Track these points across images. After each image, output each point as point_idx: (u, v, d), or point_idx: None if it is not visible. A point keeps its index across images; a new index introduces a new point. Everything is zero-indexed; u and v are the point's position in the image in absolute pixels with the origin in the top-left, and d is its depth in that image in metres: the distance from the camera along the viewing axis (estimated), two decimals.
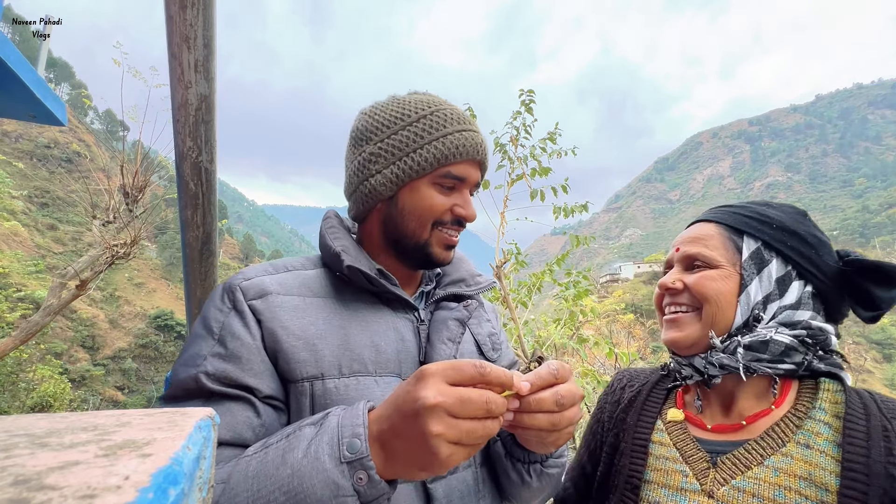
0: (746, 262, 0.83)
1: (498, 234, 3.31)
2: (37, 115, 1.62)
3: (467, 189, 0.88)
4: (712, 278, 0.83)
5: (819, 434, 0.73)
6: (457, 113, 0.88)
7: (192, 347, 0.74)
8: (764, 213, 0.87)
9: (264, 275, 0.82)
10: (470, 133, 0.87)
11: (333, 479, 0.55)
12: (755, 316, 0.81)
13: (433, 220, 0.86)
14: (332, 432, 0.58)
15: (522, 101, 3.30)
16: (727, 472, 0.77)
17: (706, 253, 0.85)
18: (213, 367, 0.70)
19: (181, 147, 1.33)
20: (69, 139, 58.82)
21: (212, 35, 1.16)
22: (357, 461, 0.56)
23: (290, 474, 0.56)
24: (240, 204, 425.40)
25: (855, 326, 72.20)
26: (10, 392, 17.47)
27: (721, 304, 0.82)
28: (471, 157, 0.86)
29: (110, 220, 5.22)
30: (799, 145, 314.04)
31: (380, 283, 0.82)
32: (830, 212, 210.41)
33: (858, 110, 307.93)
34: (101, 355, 41.57)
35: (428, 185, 0.85)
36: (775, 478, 0.72)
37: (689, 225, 0.96)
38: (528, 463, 0.79)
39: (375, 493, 0.56)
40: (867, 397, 0.75)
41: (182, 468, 0.23)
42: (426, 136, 0.85)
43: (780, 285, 0.82)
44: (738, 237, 0.86)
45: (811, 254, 0.82)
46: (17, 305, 17.50)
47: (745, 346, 0.79)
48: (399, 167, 0.85)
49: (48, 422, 0.28)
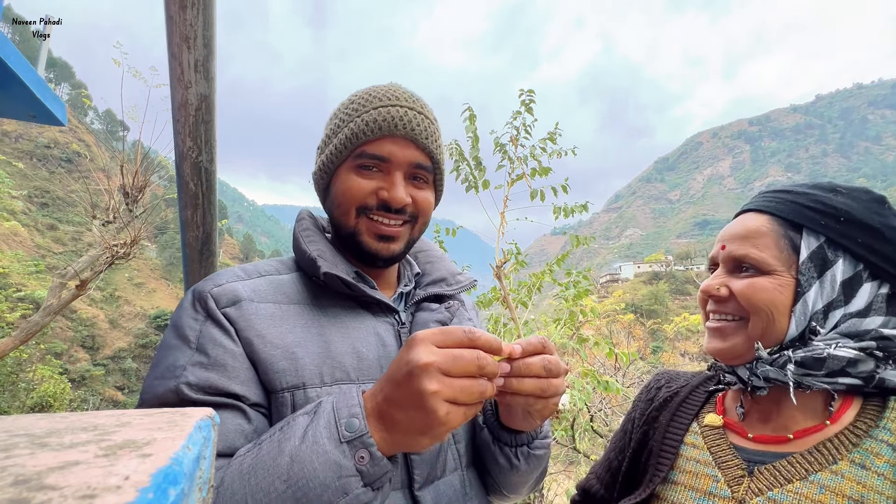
0: (805, 264, 0.72)
1: (498, 234, 3.31)
2: (37, 115, 1.62)
3: (398, 171, 0.80)
4: (763, 287, 0.73)
5: (879, 455, 0.66)
6: (387, 92, 0.81)
7: (166, 359, 0.68)
8: (829, 201, 0.74)
9: (236, 280, 0.77)
10: (390, 108, 0.79)
11: (335, 459, 0.54)
12: (812, 328, 0.72)
13: (356, 206, 0.80)
14: (328, 416, 0.57)
15: (522, 101, 3.30)
16: (764, 482, 0.70)
17: (756, 255, 0.74)
18: (196, 377, 0.66)
19: (181, 147, 1.33)
20: (69, 139, 58.82)
21: (212, 35, 1.16)
22: (357, 439, 0.55)
23: (288, 462, 0.55)
24: (240, 204, 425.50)
25: None
26: (10, 392, 17.47)
27: (773, 315, 0.73)
28: (389, 132, 0.78)
29: (110, 220, 5.22)
30: (799, 145, 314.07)
31: (357, 288, 0.78)
32: None
33: (858, 110, 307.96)
34: (101, 355, 41.57)
35: (348, 169, 0.81)
36: (819, 495, 0.65)
37: (737, 214, 0.84)
38: (516, 446, 0.79)
39: (378, 472, 0.56)
40: None
41: (182, 468, 0.23)
42: (346, 120, 0.81)
43: (847, 289, 0.71)
44: (796, 233, 0.74)
45: (888, 250, 0.71)
46: (17, 305, 17.50)
47: (797, 362, 0.70)
48: (326, 155, 0.83)
49: (48, 422, 0.28)
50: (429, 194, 0.86)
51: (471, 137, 3.23)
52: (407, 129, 0.79)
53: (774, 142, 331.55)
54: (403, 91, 0.83)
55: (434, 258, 1.01)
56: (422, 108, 0.83)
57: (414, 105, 0.81)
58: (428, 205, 0.86)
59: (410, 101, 0.82)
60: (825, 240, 0.73)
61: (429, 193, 0.86)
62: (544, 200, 3.28)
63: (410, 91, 0.85)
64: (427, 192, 0.85)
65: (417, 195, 0.83)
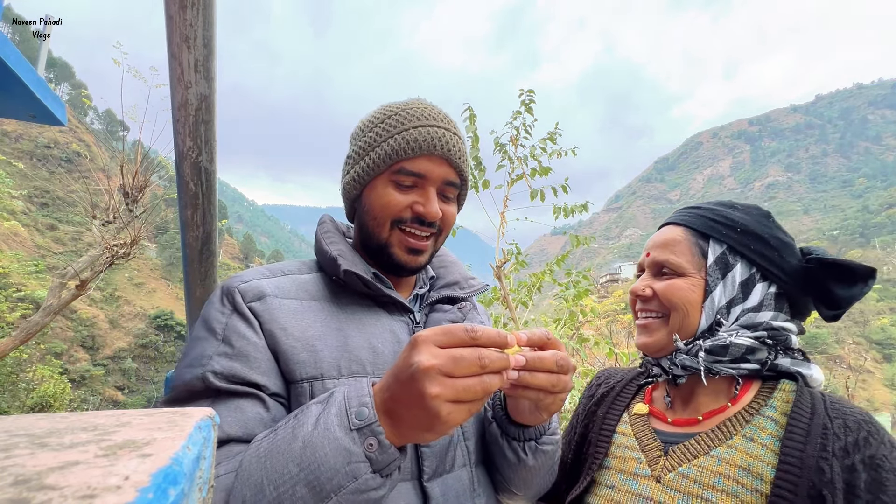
0: (711, 267, 0.87)
1: (498, 234, 3.31)
2: (37, 115, 1.62)
3: (432, 187, 0.85)
4: (679, 287, 0.87)
5: (764, 429, 0.78)
6: (423, 111, 0.87)
7: (195, 349, 0.74)
8: (729, 216, 0.89)
9: (261, 278, 0.83)
10: (429, 128, 0.84)
11: (345, 445, 0.56)
12: (717, 321, 0.85)
13: (391, 219, 0.85)
14: (339, 405, 0.60)
15: (522, 101, 3.30)
16: (676, 459, 0.82)
17: (674, 260, 0.88)
18: (221, 366, 0.70)
19: (181, 147, 1.33)
20: (69, 139, 58.82)
21: (212, 35, 1.16)
22: (366, 427, 0.57)
23: (301, 447, 0.57)
24: (240, 204, 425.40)
25: (855, 327, 71.25)
26: (10, 392, 17.47)
27: (687, 311, 0.86)
28: (428, 151, 0.83)
29: (110, 220, 5.22)
30: (799, 145, 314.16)
31: (375, 287, 0.83)
32: (830, 212, 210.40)
33: (858, 110, 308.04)
34: (101, 355, 41.57)
35: (385, 182, 0.85)
36: (717, 466, 0.77)
37: (660, 226, 0.99)
38: (524, 440, 0.81)
39: (387, 459, 0.58)
40: (818, 397, 0.79)
41: (182, 468, 0.23)
42: (384, 135, 0.85)
43: (744, 288, 0.85)
44: (705, 241, 0.88)
45: (774, 256, 0.85)
46: (17, 305, 17.50)
47: (707, 349, 0.84)
48: (360, 166, 0.87)
49: (48, 422, 0.28)
50: (454, 209, 0.92)
51: (471, 137, 3.23)
52: (444, 150, 0.84)
53: (774, 142, 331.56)
54: (437, 110, 0.89)
55: (448, 263, 1.06)
56: (455, 128, 0.89)
57: (449, 126, 0.87)
58: (453, 219, 0.91)
59: (445, 121, 0.87)
60: (727, 247, 0.87)
61: (454, 208, 0.92)
62: (544, 200, 3.28)
63: (440, 109, 0.90)
64: (453, 207, 0.91)
65: (445, 210, 0.88)
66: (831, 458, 0.69)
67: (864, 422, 0.73)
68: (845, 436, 0.71)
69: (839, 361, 63.61)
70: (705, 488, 0.76)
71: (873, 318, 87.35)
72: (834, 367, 53.35)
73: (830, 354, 68.72)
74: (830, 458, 0.69)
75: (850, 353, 71.38)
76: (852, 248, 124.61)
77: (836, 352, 70.28)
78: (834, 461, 0.69)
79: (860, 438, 0.71)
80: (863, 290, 0.82)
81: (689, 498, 0.77)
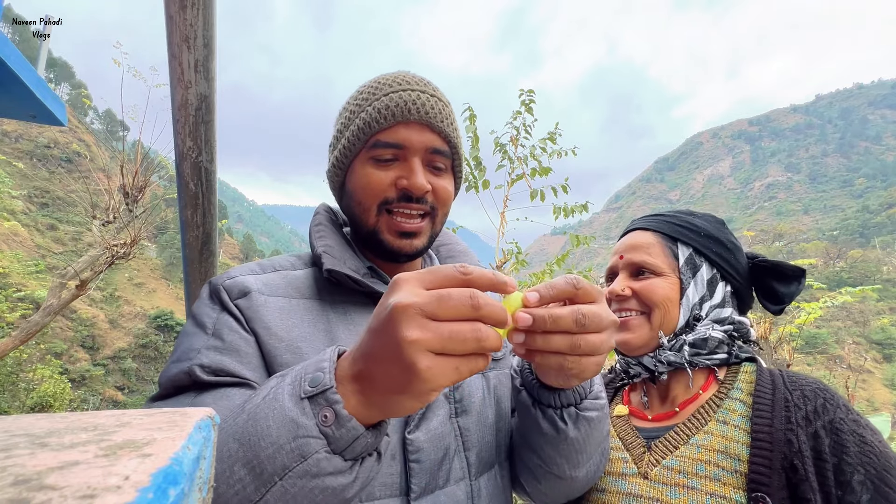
0: (683, 267, 0.93)
1: (498, 234, 3.31)
2: (37, 115, 1.62)
3: (415, 157, 0.76)
4: (660, 285, 0.92)
5: (735, 411, 0.83)
6: (396, 77, 0.78)
7: (184, 344, 0.69)
8: (692, 221, 0.97)
9: (249, 274, 0.77)
10: (401, 93, 0.75)
11: (292, 416, 0.47)
12: (695, 316, 0.92)
13: (377, 202, 0.76)
14: (296, 374, 0.51)
15: (522, 101, 3.30)
16: (659, 453, 0.85)
17: (651, 261, 0.93)
18: (209, 359, 0.65)
19: (181, 147, 1.33)
20: (69, 139, 58.81)
21: (212, 35, 1.16)
22: (320, 395, 0.47)
23: (245, 419, 0.49)
24: (240, 204, 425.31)
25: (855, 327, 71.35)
26: (10, 392, 17.47)
27: (668, 308, 0.91)
28: (403, 118, 0.74)
29: (110, 220, 5.22)
30: (799, 145, 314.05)
31: (365, 284, 0.76)
32: (830, 212, 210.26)
33: (858, 110, 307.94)
34: (101, 355, 41.57)
35: (363, 161, 0.77)
36: (698, 454, 0.80)
37: (625, 232, 1.04)
38: (561, 406, 0.67)
39: (347, 435, 0.47)
40: (776, 374, 0.85)
41: (182, 468, 0.23)
42: (356, 110, 0.77)
43: (710, 287, 0.93)
44: (674, 244, 0.95)
45: (730, 257, 0.94)
46: (17, 305, 17.50)
47: (690, 343, 0.90)
48: (339, 150, 0.80)
49: (48, 422, 0.28)
50: (448, 183, 0.82)
51: (471, 137, 3.23)
52: (421, 113, 0.75)
53: (774, 142, 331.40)
54: (413, 75, 0.80)
55: (457, 252, 0.97)
56: (433, 90, 0.79)
57: (426, 88, 0.77)
58: (447, 194, 0.81)
59: (421, 84, 0.78)
60: (693, 250, 0.94)
61: (448, 182, 0.82)
62: (544, 200, 3.28)
63: (420, 75, 0.81)
64: (446, 181, 0.81)
65: (437, 183, 0.78)
66: (796, 428, 0.74)
67: (819, 389, 0.79)
68: (805, 405, 0.77)
69: (839, 361, 63.56)
70: (690, 477, 0.79)
71: (873, 318, 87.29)
72: (834, 367, 53.31)
73: (830, 354, 68.68)
74: (796, 429, 0.74)
75: (850, 353, 71.35)
76: (852, 248, 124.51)
77: (836, 352, 70.23)
78: (799, 431, 0.74)
79: (818, 406, 0.76)
80: (798, 287, 0.94)
81: (676, 489, 0.79)
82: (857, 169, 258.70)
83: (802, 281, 0.95)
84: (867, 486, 0.68)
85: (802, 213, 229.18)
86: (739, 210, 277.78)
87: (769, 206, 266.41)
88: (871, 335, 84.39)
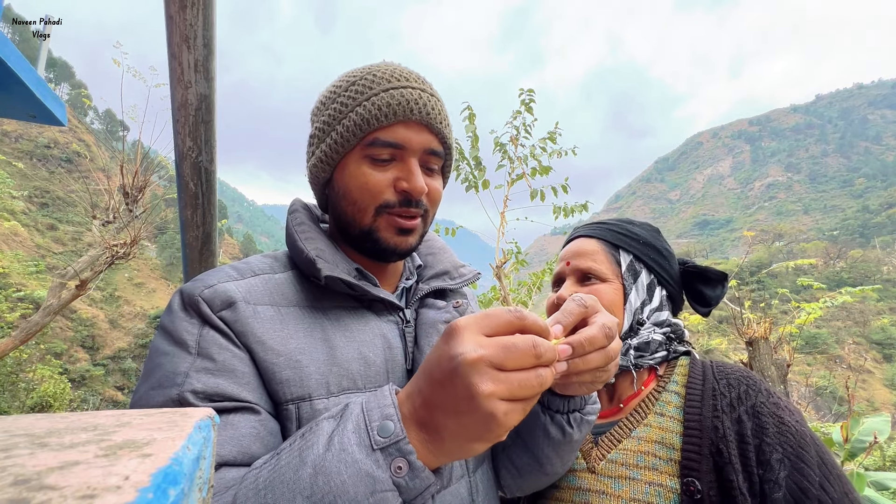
0: (625, 273, 0.96)
1: (498, 234, 3.31)
2: (37, 115, 1.62)
3: (413, 158, 0.73)
4: (605, 291, 0.94)
5: (670, 402, 0.88)
6: (393, 71, 0.74)
7: (162, 367, 0.60)
8: (631, 230, 1.01)
9: (228, 281, 0.68)
10: (402, 90, 0.72)
11: (367, 470, 0.46)
12: (638, 320, 0.95)
13: (376, 204, 0.73)
14: (357, 419, 0.49)
15: (522, 101, 3.30)
16: (605, 448, 0.89)
17: (597, 267, 0.96)
18: (202, 384, 0.58)
19: (181, 147, 1.33)
20: (69, 139, 58.83)
21: (212, 35, 1.16)
22: (392, 446, 0.47)
23: (311, 474, 0.47)
24: (240, 204, 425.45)
25: (855, 327, 71.31)
26: (10, 392, 17.47)
27: (614, 312, 0.93)
28: (404, 117, 0.71)
29: (110, 220, 5.22)
30: (799, 145, 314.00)
31: (360, 288, 0.72)
32: (830, 212, 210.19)
33: (858, 110, 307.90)
34: (101, 355, 41.57)
35: (358, 159, 0.73)
36: (638, 446, 0.84)
37: (569, 239, 1.07)
38: (568, 412, 0.72)
39: (419, 485, 0.47)
40: (707, 365, 0.90)
41: (182, 468, 0.23)
42: (350, 104, 0.73)
43: (650, 291, 0.97)
44: (616, 251, 0.98)
45: (665, 264, 0.99)
46: (17, 305, 17.50)
47: (635, 347, 0.93)
48: (327, 144, 0.75)
49: (48, 422, 0.28)
50: (439, 183, 0.79)
51: (471, 137, 3.23)
52: (423, 114, 0.72)
53: (774, 142, 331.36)
54: (409, 71, 0.76)
55: (436, 249, 0.94)
56: (431, 88, 0.76)
57: (424, 86, 0.75)
58: (439, 195, 0.79)
59: (419, 81, 0.75)
60: (633, 257, 0.98)
61: (439, 182, 0.79)
62: (544, 200, 3.28)
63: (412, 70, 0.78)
64: (438, 182, 0.79)
65: (430, 184, 0.76)
66: (721, 414, 0.79)
67: (742, 377, 0.84)
68: (729, 392, 0.82)
69: (839, 361, 63.54)
70: (631, 468, 0.83)
71: (873, 318, 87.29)
72: (834, 367, 53.29)
73: (830, 354, 68.68)
74: (721, 415, 0.79)
75: (850, 353, 71.34)
76: (852, 248, 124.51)
77: (836, 352, 70.23)
78: (724, 417, 0.78)
79: (741, 392, 0.81)
80: (722, 291, 1.01)
81: (619, 481, 0.83)
82: (857, 169, 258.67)
83: (725, 285, 1.02)
84: (784, 464, 0.72)
85: (802, 213, 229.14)
86: (739, 210, 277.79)
87: (769, 206, 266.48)
88: (871, 335, 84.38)
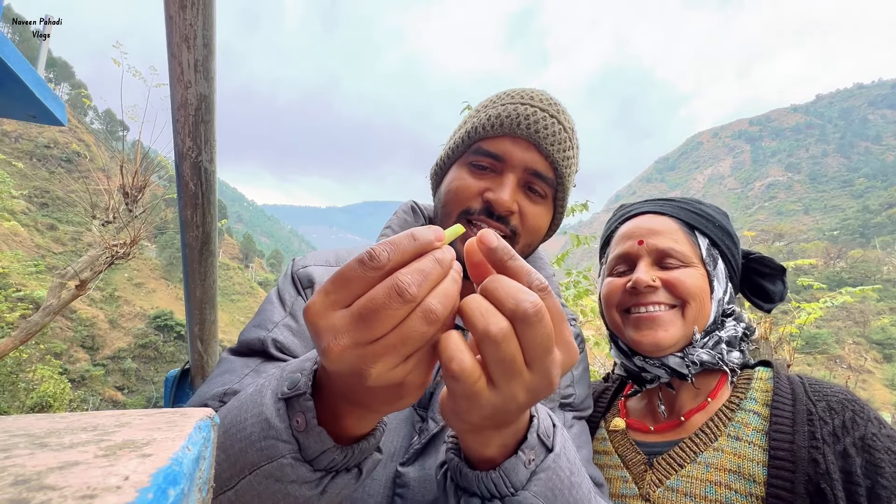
0: (707, 258, 0.83)
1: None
2: (37, 115, 1.62)
3: (511, 173, 0.71)
4: (693, 275, 0.80)
5: (748, 424, 0.73)
6: (523, 91, 0.75)
7: (266, 311, 0.73)
8: (705, 210, 0.88)
9: (322, 265, 0.80)
10: (517, 105, 0.71)
11: (267, 415, 0.44)
12: (724, 311, 0.83)
13: (459, 209, 0.72)
14: (286, 367, 0.48)
15: None
16: (662, 472, 0.76)
17: (679, 249, 0.82)
18: (283, 337, 0.69)
19: (181, 147, 1.33)
20: (69, 139, 58.83)
21: (212, 35, 1.16)
22: (294, 398, 0.43)
23: (237, 406, 0.48)
24: (240, 204, 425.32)
25: (855, 327, 71.26)
26: (10, 392, 17.48)
27: (703, 302, 0.80)
28: (510, 130, 0.70)
29: (110, 220, 5.22)
30: (799, 145, 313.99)
31: None
32: (830, 212, 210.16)
33: (858, 110, 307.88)
34: (101, 355, 41.56)
35: (461, 165, 0.75)
36: (706, 474, 0.71)
37: (627, 216, 0.91)
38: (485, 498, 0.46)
39: (315, 446, 0.43)
40: (796, 382, 0.75)
41: (182, 468, 0.23)
42: (473, 115, 0.77)
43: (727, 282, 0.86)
44: (692, 233, 0.85)
45: (736, 252, 0.87)
46: (17, 305, 17.50)
47: (726, 341, 0.81)
48: (447, 150, 0.80)
49: (48, 422, 0.28)
50: (542, 211, 0.74)
51: None
52: (531, 130, 0.70)
53: (775, 142, 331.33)
54: (545, 95, 0.75)
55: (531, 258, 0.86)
56: (557, 112, 0.73)
57: (548, 108, 0.72)
58: (537, 222, 0.74)
59: (545, 103, 0.73)
60: (709, 241, 0.85)
61: (542, 210, 0.74)
62: None
63: (549, 95, 0.76)
64: (540, 208, 0.74)
65: (527, 208, 0.72)
66: (822, 445, 0.65)
67: (847, 401, 0.69)
68: (832, 419, 0.67)
69: (839, 361, 63.57)
70: (697, 500, 0.70)
71: (873, 318, 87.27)
72: (834, 367, 53.31)
73: (831, 354, 68.67)
74: (822, 446, 0.65)
75: (850, 353, 71.35)
76: (852, 248, 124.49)
77: (836, 352, 70.23)
78: (826, 448, 0.64)
79: (847, 419, 0.66)
80: (784, 286, 0.89)
81: None
82: (857, 169, 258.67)
83: (785, 280, 0.89)
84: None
85: (802, 213, 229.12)
86: (740, 210, 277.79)
87: (769, 206, 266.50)
88: (871, 335, 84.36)
